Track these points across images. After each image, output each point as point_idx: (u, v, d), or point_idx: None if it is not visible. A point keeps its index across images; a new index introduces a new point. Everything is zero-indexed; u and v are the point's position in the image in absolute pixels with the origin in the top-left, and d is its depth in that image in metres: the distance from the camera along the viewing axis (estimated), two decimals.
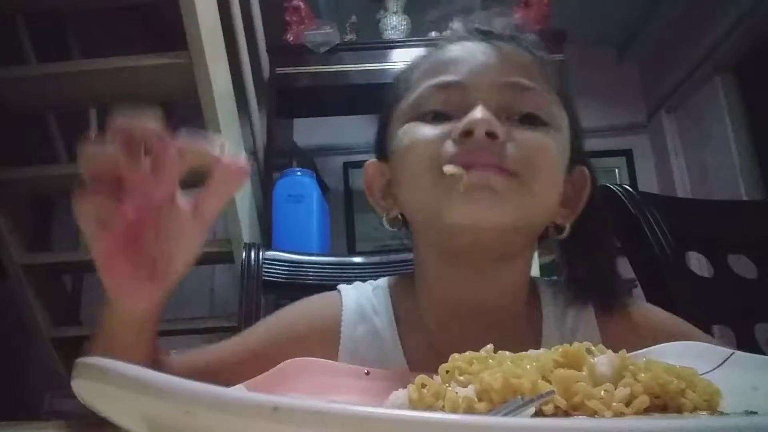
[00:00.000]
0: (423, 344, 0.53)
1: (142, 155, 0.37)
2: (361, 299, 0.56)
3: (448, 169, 0.45)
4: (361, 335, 0.54)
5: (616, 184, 0.84)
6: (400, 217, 0.55)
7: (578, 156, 0.54)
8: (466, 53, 0.50)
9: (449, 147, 0.46)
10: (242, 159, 0.39)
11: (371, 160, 0.58)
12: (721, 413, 0.29)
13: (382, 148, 0.57)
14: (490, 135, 0.44)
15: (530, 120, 0.48)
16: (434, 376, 0.34)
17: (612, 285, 0.54)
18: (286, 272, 1.01)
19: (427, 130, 0.48)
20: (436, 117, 0.48)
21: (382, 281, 0.60)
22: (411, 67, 0.56)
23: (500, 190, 0.45)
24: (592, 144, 2.52)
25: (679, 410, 0.29)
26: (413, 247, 0.57)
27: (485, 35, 0.52)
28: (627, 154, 3.00)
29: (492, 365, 0.33)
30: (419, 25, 2.40)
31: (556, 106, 0.50)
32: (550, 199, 0.49)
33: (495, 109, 0.46)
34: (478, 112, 0.45)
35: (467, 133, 0.45)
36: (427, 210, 0.49)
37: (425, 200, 0.48)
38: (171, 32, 1.78)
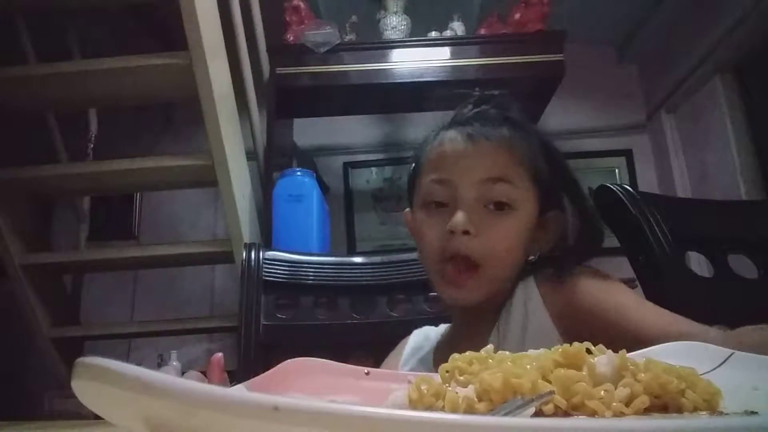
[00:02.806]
0: (443, 349, 0.73)
1: None
2: (430, 332, 0.81)
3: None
4: (415, 361, 0.78)
5: (616, 184, 0.84)
6: None
7: (555, 201, 0.70)
8: (455, 155, 0.69)
9: (440, 245, 0.67)
10: None
11: (407, 210, 0.78)
12: (721, 413, 0.29)
13: (411, 201, 0.77)
14: (465, 232, 0.65)
15: (500, 206, 0.66)
16: (434, 376, 0.34)
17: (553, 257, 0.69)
18: (286, 272, 1.01)
19: (431, 224, 0.69)
20: (438, 205, 0.69)
21: None
22: (426, 141, 0.74)
23: (466, 285, 0.66)
24: (592, 144, 2.51)
25: (679, 410, 0.29)
26: None
27: (472, 138, 0.69)
28: (627, 154, 3.00)
29: (492, 365, 0.33)
30: (419, 25, 2.41)
31: (523, 187, 0.67)
32: (510, 268, 0.68)
33: (475, 199, 0.66)
34: (458, 217, 0.65)
35: (451, 231, 0.65)
36: (431, 282, 0.72)
37: (429, 276, 0.72)
38: (171, 32, 1.78)
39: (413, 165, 0.77)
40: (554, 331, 0.64)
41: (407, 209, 0.79)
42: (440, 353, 0.75)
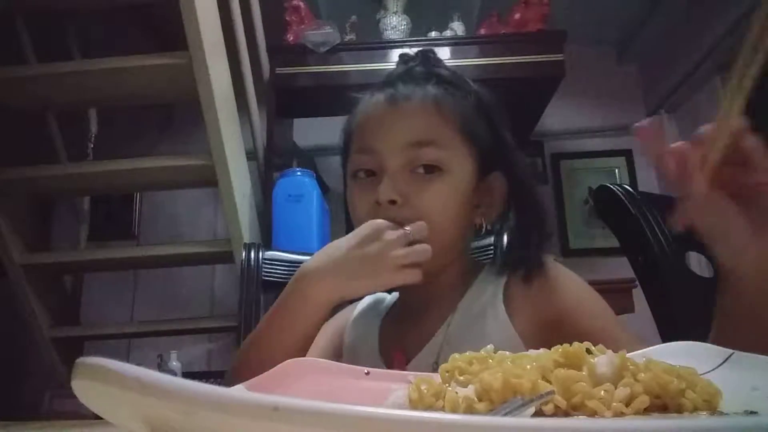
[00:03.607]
0: (392, 329, 0.72)
1: None
2: (383, 298, 0.78)
3: None
4: (362, 324, 0.75)
5: (616, 184, 0.84)
6: None
7: (497, 162, 0.67)
8: (378, 121, 0.66)
9: (372, 212, 0.63)
10: None
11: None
12: (721, 413, 0.29)
13: (345, 172, 0.72)
14: (392, 202, 0.62)
15: (429, 169, 0.63)
16: (434, 376, 0.34)
17: (519, 256, 0.65)
18: (286, 272, 1.01)
19: (360, 195, 0.66)
20: (367, 174, 0.66)
21: None
22: (353, 117, 0.71)
23: None
24: (592, 144, 2.51)
25: (679, 410, 0.29)
26: None
27: (394, 100, 0.66)
28: (627, 154, 3.00)
29: (492, 365, 0.33)
30: (419, 25, 2.40)
31: (453, 147, 0.64)
32: (449, 230, 0.64)
33: (401, 165, 0.63)
34: (382, 187, 0.62)
35: (378, 202, 0.63)
36: None
37: None
38: (171, 32, 1.78)
39: (343, 136, 0.73)
40: (516, 338, 0.60)
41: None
42: (387, 328, 0.72)
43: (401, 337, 0.68)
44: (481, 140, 0.66)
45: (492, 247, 0.83)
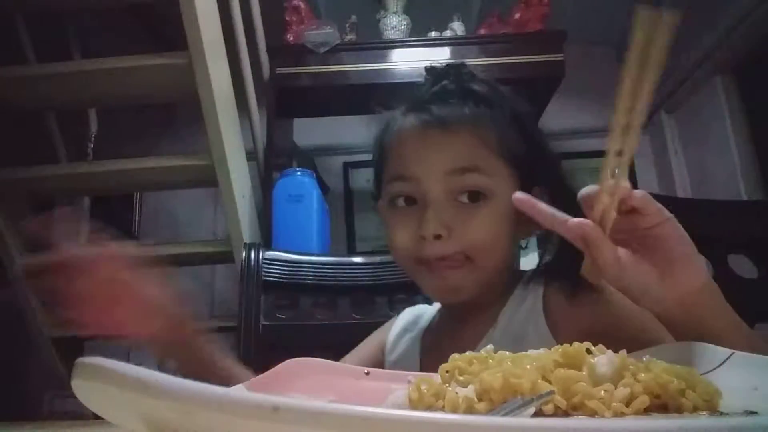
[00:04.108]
0: (432, 344, 0.70)
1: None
2: (423, 311, 0.77)
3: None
4: (407, 340, 0.73)
5: None
6: None
7: (537, 176, 0.64)
8: (415, 147, 0.62)
9: (413, 247, 0.62)
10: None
11: (381, 203, 0.70)
12: (721, 413, 0.29)
13: (378, 194, 0.70)
14: (437, 237, 0.59)
15: (474, 196, 0.61)
16: (434, 377, 0.34)
17: (561, 270, 0.61)
18: (286, 272, 1.01)
19: (400, 226, 0.63)
20: (406, 201, 0.63)
21: None
22: (386, 129, 0.68)
23: (453, 280, 0.61)
24: (592, 144, 2.51)
25: (679, 410, 0.29)
26: None
27: (431, 124, 0.62)
28: None
29: (492, 365, 0.33)
30: (419, 25, 2.40)
31: (496, 171, 0.61)
32: (496, 256, 0.62)
33: (444, 193, 0.60)
34: (427, 221, 0.59)
35: (422, 237, 0.60)
36: (411, 278, 0.66)
37: (408, 273, 0.66)
38: (171, 32, 1.78)
39: (375, 155, 0.70)
40: (551, 341, 0.56)
41: (381, 202, 0.71)
42: (428, 343, 0.71)
43: (441, 353, 0.64)
44: (521, 157, 0.63)
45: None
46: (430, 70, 0.69)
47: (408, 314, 0.78)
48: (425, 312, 0.77)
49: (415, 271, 0.63)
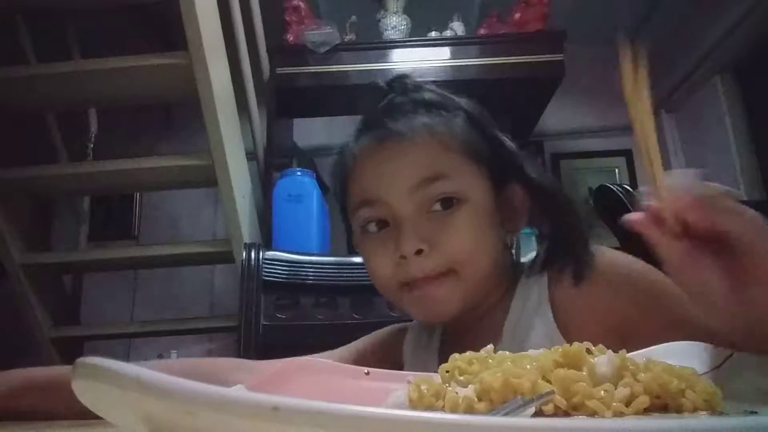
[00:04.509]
0: (446, 355, 0.63)
1: None
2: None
3: None
4: (419, 356, 0.68)
5: (616, 184, 0.84)
6: None
7: (507, 172, 0.62)
8: (376, 168, 0.60)
9: (394, 272, 0.58)
10: None
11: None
12: (721, 413, 0.29)
13: (346, 219, 0.68)
14: (418, 252, 0.56)
15: (446, 203, 0.58)
16: (434, 377, 0.34)
17: (562, 256, 0.59)
18: (286, 272, 1.01)
19: (377, 252, 0.60)
20: (378, 225, 0.60)
21: None
22: (344, 166, 0.65)
23: (439, 295, 0.57)
24: (592, 144, 2.51)
25: (679, 410, 0.29)
26: None
27: (386, 141, 0.60)
28: (627, 154, 3.00)
29: (492, 365, 0.33)
30: (419, 25, 2.40)
31: (462, 173, 0.59)
32: (482, 261, 0.59)
33: (416, 208, 0.57)
34: (404, 239, 0.56)
35: (402, 257, 0.57)
36: (396, 306, 0.63)
37: (392, 301, 0.63)
38: (171, 32, 1.78)
39: (337, 187, 0.67)
40: (561, 340, 0.52)
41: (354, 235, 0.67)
42: (445, 356, 0.67)
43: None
44: (484, 155, 0.61)
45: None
46: (372, 88, 0.67)
47: (416, 326, 0.73)
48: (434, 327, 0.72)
49: (398, 297, 0.60)
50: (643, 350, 0.40)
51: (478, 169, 0.60)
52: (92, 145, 2.56)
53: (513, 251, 0.67)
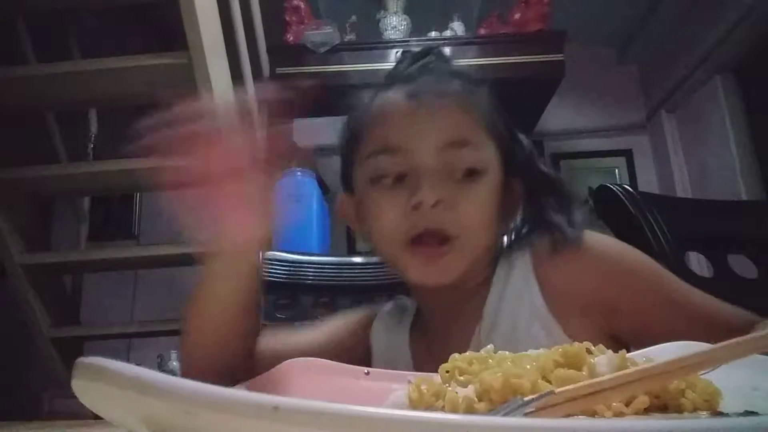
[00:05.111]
0: (420, 336, 0.65)
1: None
2: (404, 304, 0.70)
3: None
4: (391, 338, 0.67)
5: (616, 184, 0.84)
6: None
7: (518, 164, 0.62)
8: (404, 118, 0.58)
9: (404, 224, 0.56)
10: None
11: (342, 193, 0.66)
12: (721, 413, 0.29)
13: (348, 182, 0.65)
14: (435, 204, 0.54)
15: (470, 173, 0.57)
16: (434, 377, 0.34)
17: (544, 228, 0.59)
18: (286, 272, 1.01)
19: (388, 203, 0.57)
20: (393, 179, 0.58)
21: None
22: (360, 108, 0.64)
23: (440, 262, 0.56)
24: (592, 144, 2.51)
25: (679, 410, 0.29)
26: None
27: (420, 96, 0.58)
28: (627, 154, 3.00)
29: (492, 365, 0.33)
30: (419, 25, 2.41)
31: (486, 147, 0.59)
32: (488, 236, 0.59)
33: (440, 167, 0.56)
34: (424, 189, 0.54)
35: (416, 206, 0.55)
36: (394, 265, 0.61)
37: (391, 259, 0.60)
38: (171, 32, 1.78)
39: (345, 138, 0.64)
40: (548, 317, 0.55)
41: (341, 193, 0.66)
42: (416, 347, 0.65)
43: (432, 354, 0.61)
44: (503, 139, 0.61)
45: None
46: (406, 53, 0.67)
47: (388, 308, 0.72)
48: (407, 306, 0.71)
49: (400, 254, 0.58)
50: (643, 350, 0.40)
51: (495, 150, 0.60)
52: (92, 145, 2.56)
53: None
